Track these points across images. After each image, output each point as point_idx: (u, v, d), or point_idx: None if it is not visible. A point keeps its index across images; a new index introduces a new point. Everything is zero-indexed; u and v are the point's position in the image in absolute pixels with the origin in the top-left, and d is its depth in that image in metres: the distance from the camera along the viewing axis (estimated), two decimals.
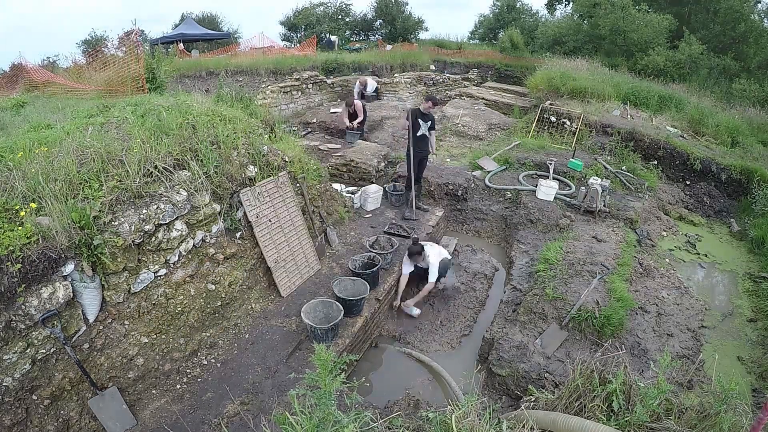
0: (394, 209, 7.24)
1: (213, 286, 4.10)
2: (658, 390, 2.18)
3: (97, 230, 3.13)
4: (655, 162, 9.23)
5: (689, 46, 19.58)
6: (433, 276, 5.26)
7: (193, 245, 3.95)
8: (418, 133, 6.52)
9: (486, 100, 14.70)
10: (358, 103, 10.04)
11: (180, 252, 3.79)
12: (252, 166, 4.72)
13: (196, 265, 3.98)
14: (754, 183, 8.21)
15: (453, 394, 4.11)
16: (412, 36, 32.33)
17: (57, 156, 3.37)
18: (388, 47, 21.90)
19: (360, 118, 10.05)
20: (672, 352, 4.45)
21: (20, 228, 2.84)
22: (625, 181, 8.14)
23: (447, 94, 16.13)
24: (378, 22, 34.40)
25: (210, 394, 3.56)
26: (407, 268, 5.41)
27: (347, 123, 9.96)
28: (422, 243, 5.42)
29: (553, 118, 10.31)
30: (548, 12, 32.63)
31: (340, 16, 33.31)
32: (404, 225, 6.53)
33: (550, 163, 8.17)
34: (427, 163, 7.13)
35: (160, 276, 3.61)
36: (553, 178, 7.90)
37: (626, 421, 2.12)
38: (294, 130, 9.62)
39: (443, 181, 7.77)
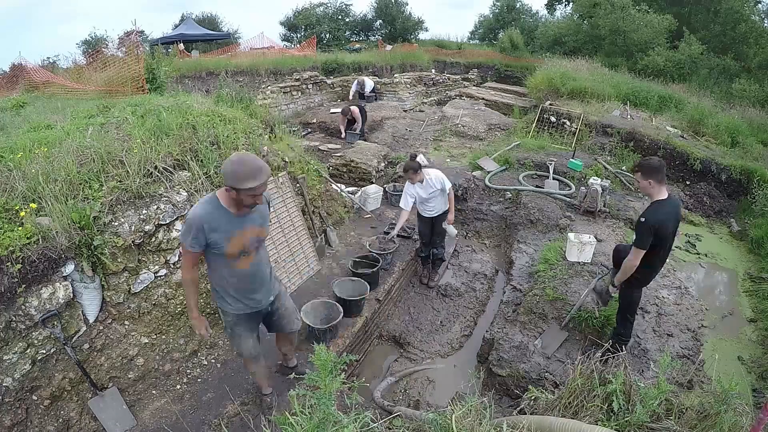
0: (394, 209, 7.24)
1: None
2: (658, 390, 2.18)
3: (97, 230, 3.13)
4: None
5: (689, 47, 19.60)
6: (448, 184, 5.07)
7: None
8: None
9: (486, 100, 14.72)
10: (354, 109, 10.10)
11: (180, 252, 3.79)
12: None
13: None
14: (754, 183, 8.19)
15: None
16: (412, 36, 32.35)
17: (57, 156, 3.37)
18: (388, 47, 21.89)
19: (359, 124, 10.15)
20: (672, 352, 4.44)
21: (20, 228, 2.84)
22: (625, 181, 8.14)
23: (447, 94, 16.14)
24: (378, 23, 34.42)
25: (210, 395, 3.56)
26: (407, 200, 5.10)
27: (343, 132, 10.30)
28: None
29: (553, 119, 10.31)
30: (548, 12, 32.75)
31: (340, 17, 33.32)
32: (404, 225, 6.53)
33: (550, 164, 8.17)
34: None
35: (160, 276, 3.61)
36: (553, 179, 7.90)
37: (626, 421, 2.12)
38: (294, 131, 9.61)
39: None
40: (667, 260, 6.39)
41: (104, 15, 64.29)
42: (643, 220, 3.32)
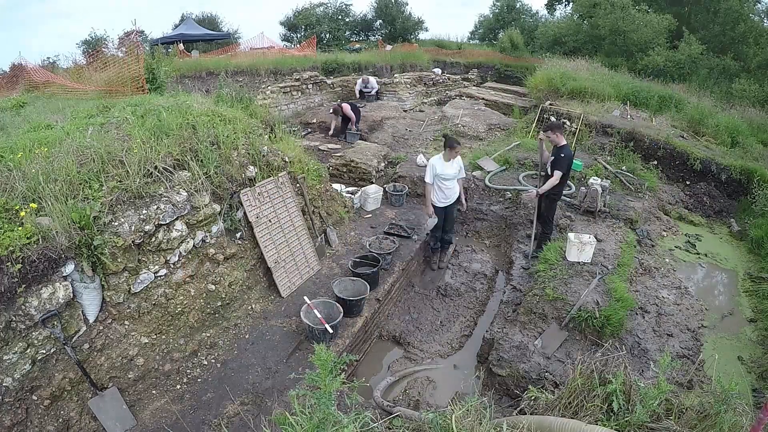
0: (394, 209, 7.24)
1: (213, 287, 4.10)
2: (658, 390, 2.18)
3: (97, 230, 3.13)
4: (655, 162, 9.23)
5: (689, 47, 19.61)
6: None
7: (193, 245, 3.95)
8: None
9: (486, 100, 14.71)
10: (345, 106, 10.06)
11: (180, 252, 3.79)
12: (252, 167, 4.72)
13: (196, 265, 3.98)
14: (754, 183, 8.19)
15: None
16: (412, 36, 32.35)
17: (57, 156, 3.38)
18: (388, 47, 21.88)
19: (354, 119, 10.09)
20: (672, 352, 4.44)
21: (20, 228, 2.84)
22: (625, 181, 8.14)
23: (447, 94, 16.14)
24: (378, 23, 34.41)
25: (210, 395, 3.56)
26: (431, 174, 5.56)
27: (332, 131, 10.27)
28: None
29: (553, 119, 10.31)
30: (548, 12, 32.76)
31: (340, 17, 33.31)
32: (404, 225, 6.53)
33: None
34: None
35: (160, 276, 3.61)
36: None
37: (626, 421, 2.12)
38: (294, 131, 9.62)
39: None
40: (667, 260, 6.47)
41: (105, 13, 64.13)
42: (562, 155, 5.16)
